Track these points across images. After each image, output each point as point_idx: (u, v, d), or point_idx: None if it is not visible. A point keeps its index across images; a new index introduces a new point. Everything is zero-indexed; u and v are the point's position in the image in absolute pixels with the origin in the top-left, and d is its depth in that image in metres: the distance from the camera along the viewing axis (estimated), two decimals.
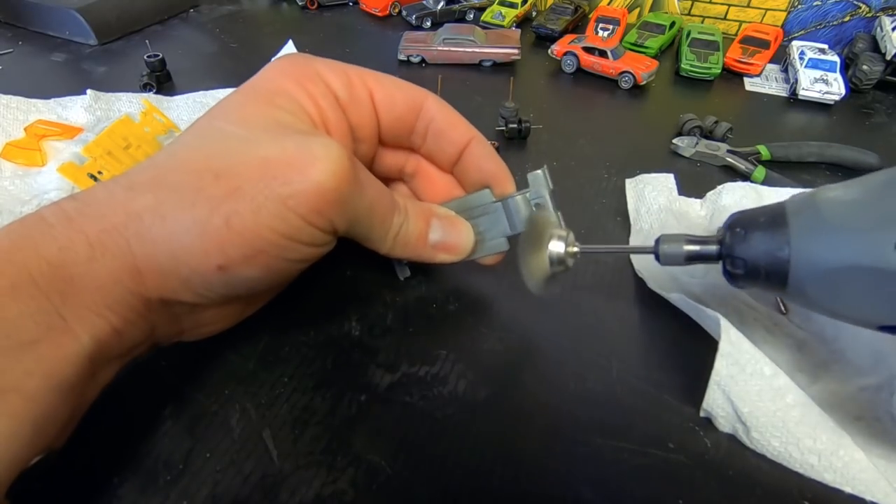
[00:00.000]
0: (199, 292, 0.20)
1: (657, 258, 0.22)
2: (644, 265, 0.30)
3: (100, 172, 0.33)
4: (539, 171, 0.24)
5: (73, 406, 0.18)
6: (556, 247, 0.22)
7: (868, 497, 0.20)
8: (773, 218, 0.19)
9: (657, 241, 0.21)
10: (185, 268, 0.19)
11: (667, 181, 0.35)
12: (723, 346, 0.22)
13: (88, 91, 0.42)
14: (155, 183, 0.19)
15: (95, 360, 0.18)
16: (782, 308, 0.27)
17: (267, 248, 0.19)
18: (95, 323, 0.18)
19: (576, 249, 0.22)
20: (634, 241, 0.32)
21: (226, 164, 0.19)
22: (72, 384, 0.17)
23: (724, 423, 0.23)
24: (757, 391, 0.22)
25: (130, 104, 0.43)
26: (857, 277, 0.17)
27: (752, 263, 0.19)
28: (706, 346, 0.24)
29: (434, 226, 0.25)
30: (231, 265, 0.19)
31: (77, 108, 0.41)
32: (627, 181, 0.36)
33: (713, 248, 0.21)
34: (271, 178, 0.19)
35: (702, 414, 0.23)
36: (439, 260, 0.25)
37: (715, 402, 0.22)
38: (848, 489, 0.21)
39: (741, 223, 0.20)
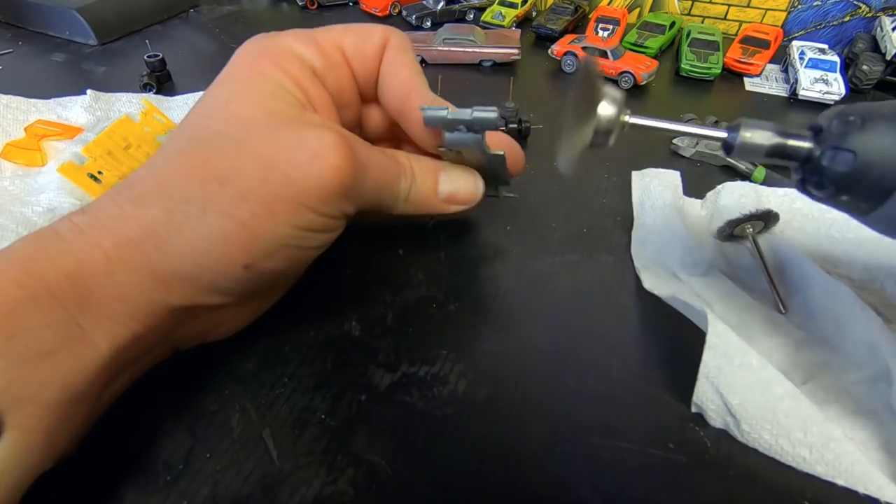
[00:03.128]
0: (225, 292, 0.20)
1: (727, 149, 0.18)
2: (644, 262, 0.30)
3: (100, 172, 0.33)
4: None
5: (86, 415, 0.18)
6: (607, 110, 0.19)
7: (861, 489, 0.20)
8: None
9: (736, 126, 0.18)
10: (211, 272, 0.19)
11: (674, 178, 0.35)
12: (710, 339, 0.23)
13: (88, 91, 0.42)
14: (160, 193, 0.19)
15: (112, 368, 0.18)
16: (781, 308, 0.27)
17: (287, 241, 0.20)
18: (115, 331, 0.18)
19: (628, 118, 0.19)
20: (637, 234, 0.32)
21: (226, 168, 0.19)
22: (87, 394, 0.18)
23: (716, 418, 0.23)
24: (746, 383, 0.22)
25: (130, 104, 0.43)
26: None
27: (864, 161, 0.16)
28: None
29: (442, 179, 0.25)
30: (256, 262, 0.20)
31: (77, 108, 0.41)
32: (634, 173, 0.36)
33: (807, 143, 0.17)
34: (275, 180, 0.19)
35: (693, 409, 0.23)
36: (451, 211, 0.26)
37: (705, 395, 0.22)
38: (840, 482, 0.21)
39: (856, 111, 0.16)
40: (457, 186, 0.25)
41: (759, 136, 0.18)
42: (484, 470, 0.21)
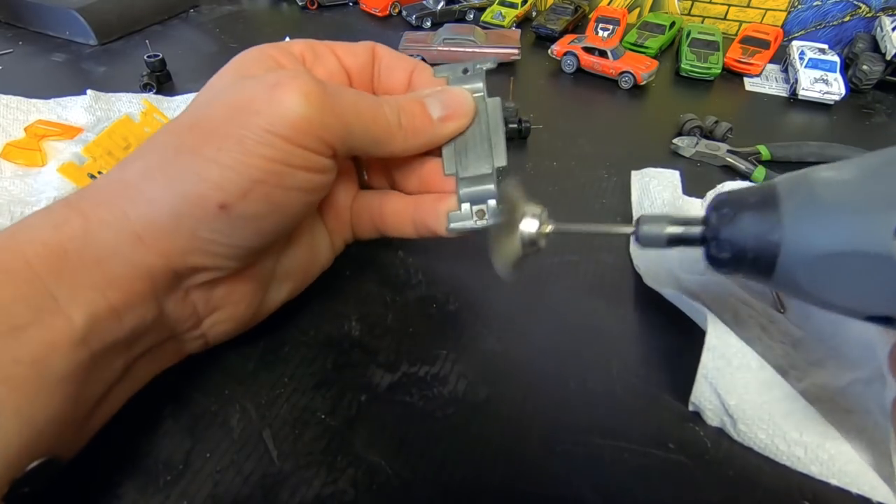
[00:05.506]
0: (207, 248, 0.19)
1: (636, 239, 0.20)
2: (642, 260, 0.30)
3: (100, 173, 0.33)
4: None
5: (71, 400, 0.17)
6: (529, 226, 0.21)
7: (854, 489, 0.20)
8: (763, 198, 0.18)
9: (638, 221, 0.20)
10: (188, 219, 0.19)
11: (672, 177, 0.35)
12: (709, 340, 0.23)
13: (88, 91, 0.42)
14: (143, 152, 0.20)
15: (91, 345, 0.17)
16: (780, 307, 0.27)
17: (262, 176, 0.19)
18: (91, 300, 0.17)
19: (550, 228, 0.21)
20: None
21: (196, 117, 0.20)
22: (64, 373, 0.17)
23: (712, 417, 0.23)
24: (743, 384, 0.22)
25: (130, 104, 0.43)
26: (851, 263, 0.16)
27: (739, 247, 0.18)
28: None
29: (429, 104, 0.24)
30: (232, 202, 0.19)
31: (77, 109, 0.41)
32: (633, 173, 0.36)
33: (697, 230, 0.19)
34: (241, 115, 0.19)
35: (690, 408, 0.23)
36: (451, 131, 0.25)
37: (702, 394, 0.23)
38: (834, 481, 0.21)
39: (729, 203, 0.18)
40: (447, 105, 0.25)
41: (657, 227, 0.20)
42: (484, 470, 0.21)
